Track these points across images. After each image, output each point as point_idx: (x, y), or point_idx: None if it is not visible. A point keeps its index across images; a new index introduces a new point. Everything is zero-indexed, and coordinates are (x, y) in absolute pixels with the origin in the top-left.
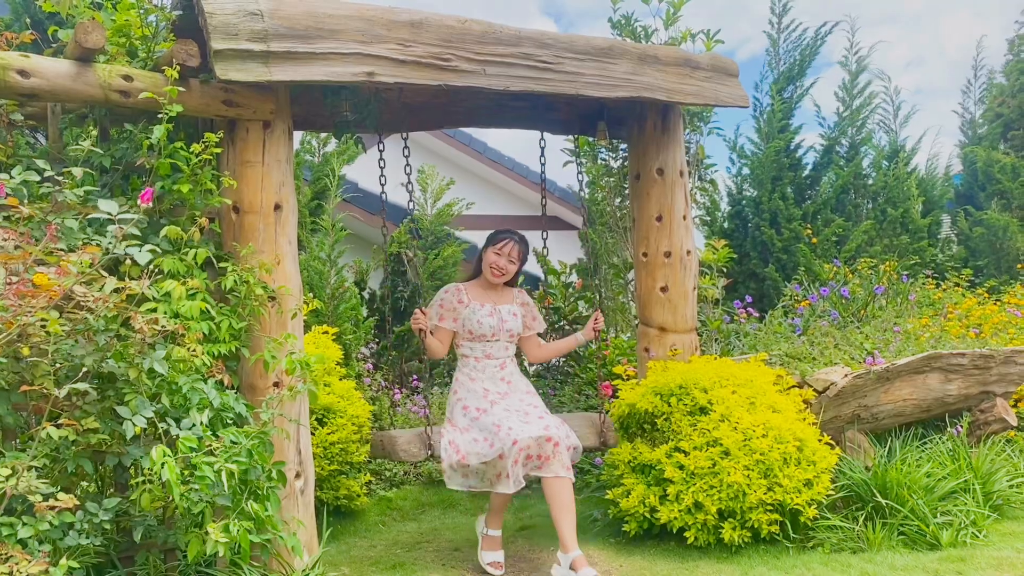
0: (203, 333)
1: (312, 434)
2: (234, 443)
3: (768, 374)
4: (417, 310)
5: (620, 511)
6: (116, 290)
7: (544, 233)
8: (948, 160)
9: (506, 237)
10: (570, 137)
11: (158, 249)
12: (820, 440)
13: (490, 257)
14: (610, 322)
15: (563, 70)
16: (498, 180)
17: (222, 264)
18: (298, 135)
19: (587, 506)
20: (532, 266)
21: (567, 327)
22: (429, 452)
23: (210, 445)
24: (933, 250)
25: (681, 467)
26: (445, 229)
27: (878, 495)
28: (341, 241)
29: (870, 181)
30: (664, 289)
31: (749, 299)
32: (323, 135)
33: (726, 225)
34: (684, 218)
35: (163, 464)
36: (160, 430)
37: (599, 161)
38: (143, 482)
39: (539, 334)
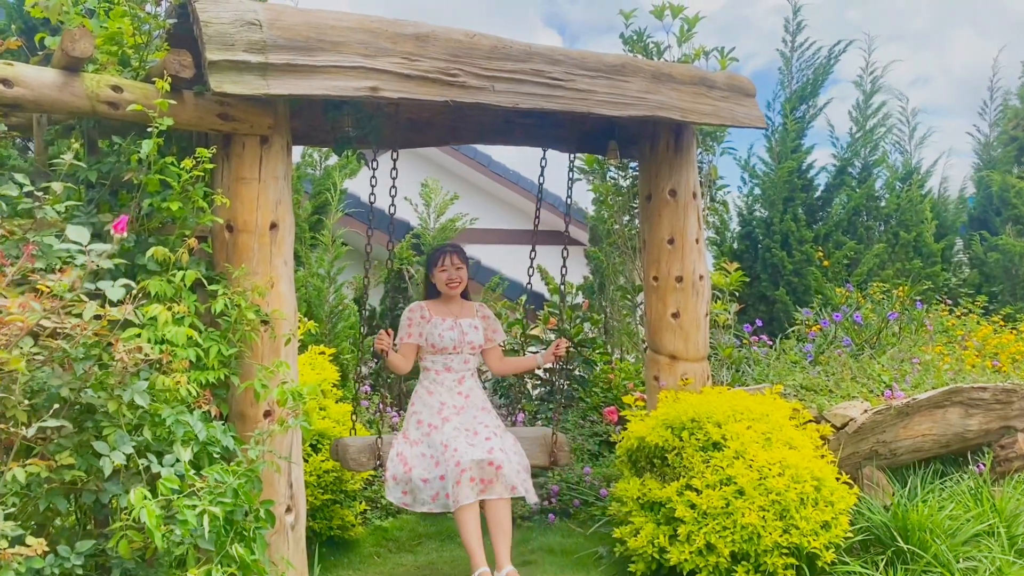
0: (190, 361)
1: (305, 461)
2: (219, 482)
3: (784, 408)
4: (382, 331)
5: (627, 550)
6: (97, 316)
7: (564, 251)
8: (962, 183)
9: (439, 253)
10: (579, 156)
11: (132, 284)
12: (838, 479)
13: (439, 277)
14: (615, 344)
15: (574, 87)
16: (503, 194)
17: (212, 287)
18: (299, 148)
19: (592, 541)
20: (538, 284)
21: (571, 350)
22: (378, 463)
23: (193, 485)
24: (946, 275)
25: (693, 506)
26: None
27: (899, 539)
28: (342, 257)
29: (882, 203)
30: (676, 315)
31: (759, 323)
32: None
33: (736, 246)
34: (697, 241)
35: (142, 508)
36: (140, 466)
37: (608, 180)
38: (121, 527)
39: (501, 346)
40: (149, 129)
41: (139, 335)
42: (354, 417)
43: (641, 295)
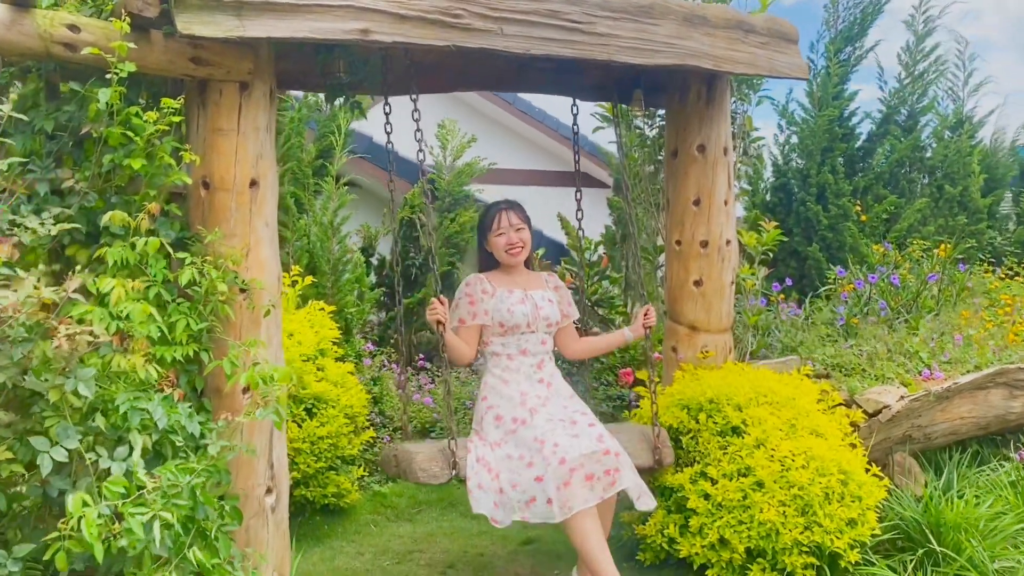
0: (153, 337)
1: (299, 426)
2: (173, 483)
3: (811, 390)
4: (434, 299)
5: (635, 535)
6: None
7: (579, 213)
8: (1014, 134)
9: (495, 212)
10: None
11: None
12: (867, 470)
13: (497, 243)
14: (636, 298)
15: (595, 31)
16: (528, 133)
17: (179, 254)
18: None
19: None
20: (557, 232)
21: (589, 310)
22: (454, 472)
23: (143, 489)
24: (992, 232)
25: (707, 496)
26: (464, 190)
27: (932, 538)
28: (347, 205)
29: (928, 154)
30: (698, 283)
31: (789, 281)
32: None
33: (769, 198)
34: (726, 203)
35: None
36: (89, 460)
37: (633, 129)
38: (59, 536)
39: (576, 325)
40: (108, 76)
41: (89, 312)
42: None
43: (663, 256)
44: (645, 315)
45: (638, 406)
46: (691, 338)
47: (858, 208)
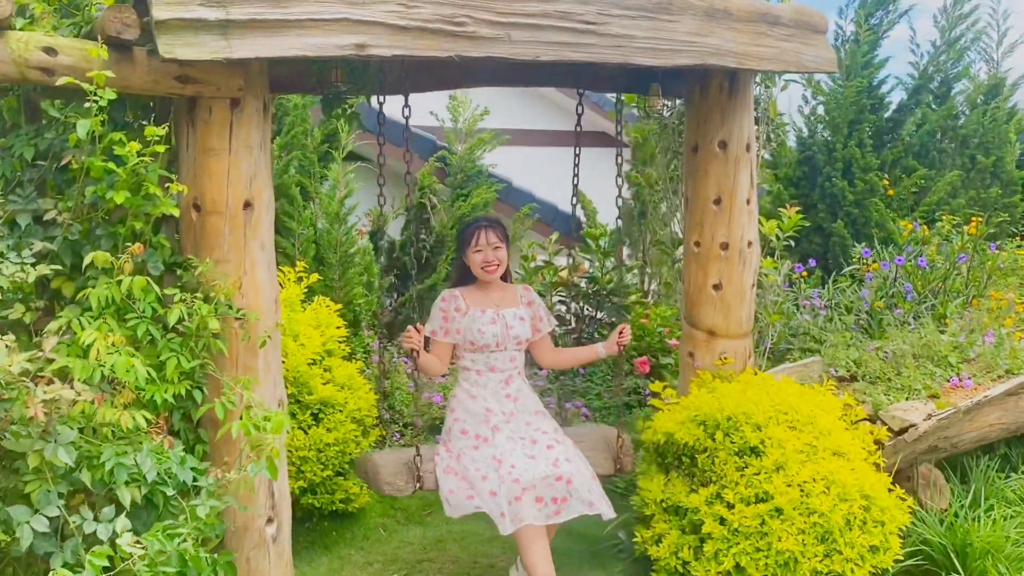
0: (139, 385)
1: (305, 432)
2: (161, 551)
3: (834, 405)
4: (410, 327)
5: (647, 548)
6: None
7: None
8: None
9: (474, 230)
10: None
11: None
12: (891, 489)
13: (475, 259)
14: (656, 272)
15: (609, 32)
16: (544, 90)
17: (168, 290)
18: None
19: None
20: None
21: (604, 301)
22: (418, 485)
23: (127, 560)
24: None
25: (723, 520)
26: (477, 166)
27: (957, 563)
28: (353, 195)
29: (960, 122)
30: (717, 287)
31: (813, 262)
32: None
33: (793, 172)
34: (748, 202)
35: None
36: (72, 524)
37: (652, 115)
38: None
39: (552, 335)
40: (88, 103)
41: (71, 363)
42: (366, 372)
43: (682, 249)
44: (620, 333)
45: (651, 406)
46: (709, 344)
47: (885, 182)
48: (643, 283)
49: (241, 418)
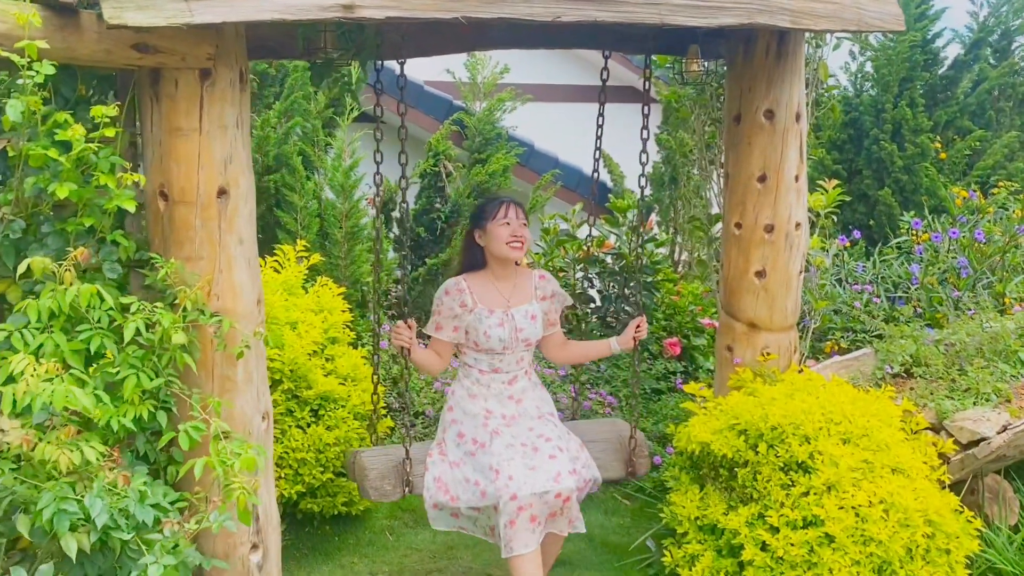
0: (86, 416)
1: (303, 431)
2: None
3: (892, 413)
4: (401, 322)
5: (677, 563)
6: None
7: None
8: None
9: (499, 203)
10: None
11: None
12: (959, 510)
13: (499, 233)
14: (686, 240)
15: None
16: None
17: (124, 298)
18: None
19: (639, 523)
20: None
21: (630, 278)
22: (407, 490)
23: None
24: None
25: (765, 546)
26: (497, 128)
27: None
28: (358, 166)
29: (1021, 79)
30: (760, 274)
31: (858, 234)
32: None
33: (837, 135)
34: (796, 179)
35: None
36: None
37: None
38: None
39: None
40: (21, 80)
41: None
42: (375, 359)
43: (718, 226)
44: (637, 328)
45: (681, 394)
46: (750, 337)
47: (938, 145)
48: (673, 255)
49: (222, 437)
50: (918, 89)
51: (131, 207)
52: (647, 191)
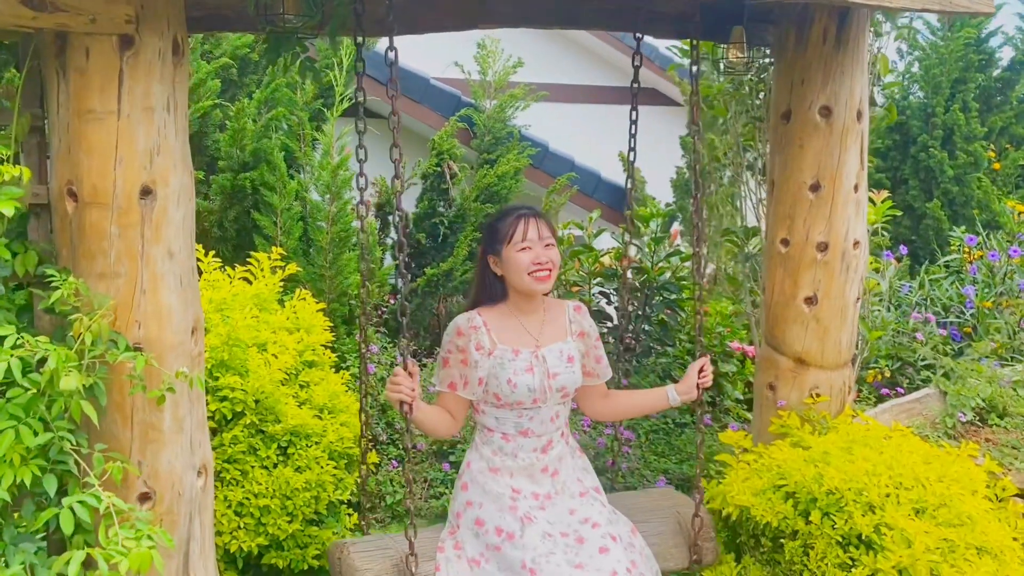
0: None
1: (268, 471)
2: None
3: (974, 476)
4: (397, 369)
5: None
6: None
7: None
8: None
9: (514, 220)
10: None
11: None
12: None
13: (519, 260)
14: (713, 254)
15: None
16: (586, 41)
17: (1, 331)
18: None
19: None
20: (613, 171)
21: (653, 296)
22: None
23: None
24: None
25: None
26: (508, 127)
27: None
28: (346, 163)
29: None
30: (811, 301)
31: (904, 250)
32: None
33: (881, 142)
34: (856, 189)
35: None
36: None
37: (723, 70)
38: None
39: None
40: None
41: None
42: (360, 386)
43: (755, 240)
44: (701, 372)
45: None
46: (797, 375)
47: (992, 154)
48: (699, 270)
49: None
50: (972, 92)
51: (8, 209)
52: (668, 199)
